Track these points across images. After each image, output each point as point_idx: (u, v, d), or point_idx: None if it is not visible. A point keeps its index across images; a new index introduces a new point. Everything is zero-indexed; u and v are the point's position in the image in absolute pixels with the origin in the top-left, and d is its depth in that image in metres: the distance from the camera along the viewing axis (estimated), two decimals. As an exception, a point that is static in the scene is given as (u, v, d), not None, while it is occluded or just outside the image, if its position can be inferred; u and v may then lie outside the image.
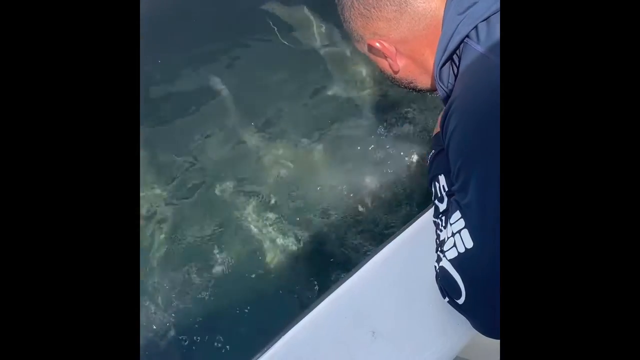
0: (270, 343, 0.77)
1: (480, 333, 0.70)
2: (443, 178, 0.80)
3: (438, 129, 0.91)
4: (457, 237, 0.66)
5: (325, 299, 0.80)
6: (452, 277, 0.67)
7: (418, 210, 0.91)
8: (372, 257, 0.84)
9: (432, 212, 0.83)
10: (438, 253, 0.74)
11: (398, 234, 0.86)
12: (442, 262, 0.70)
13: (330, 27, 1.88)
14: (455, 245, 0.66)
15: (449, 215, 0.70)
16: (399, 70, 0.87)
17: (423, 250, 0.81)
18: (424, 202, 1.39)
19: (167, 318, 1.28)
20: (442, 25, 0.75)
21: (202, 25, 1.88)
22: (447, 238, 0.70)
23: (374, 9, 0.79)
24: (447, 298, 0.71)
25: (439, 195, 0.79)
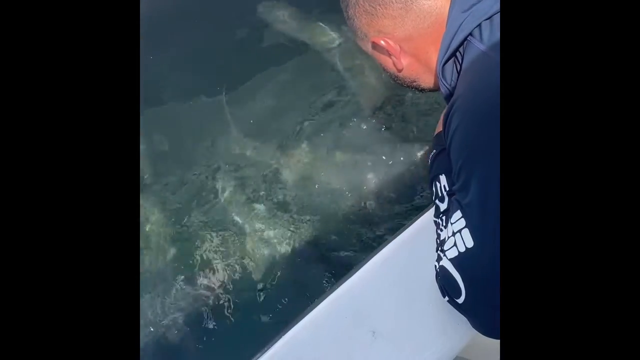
0: (271, 343, 0.77)
1: (480, 333, 0.70)
2: (444, 178, 0.80)
3: (439, 129, 0.91)
4: (457, 236, 0.66)
5: (326, 299, 0.80)
6: (452, 276, 0.67)
7: (418, 210, 0.91)
8: (372, 257, 0.84)
9: (432, 212, 0.83)
10: (438, 252, 0.73)
11: (398, 234, 0.86)
12: (442, 261, 0.70)
13: (333, 26, 1.87)
14: (456, 245, 0.66)
15: (450, 215, 0.70)
16: (403, 69, 0.86)
17: (423, 250, 0.81)
18: (424, 202, 1.39)
19: (166, 318, 1.28)
20: (446, 22, 0.75)
21: (202, 25, 1.88)
22: (447, 237, 0.70)
23: (380, 7, 0.79)
24: (447, 297, 0.71)
25: (440, 195, 0.79)
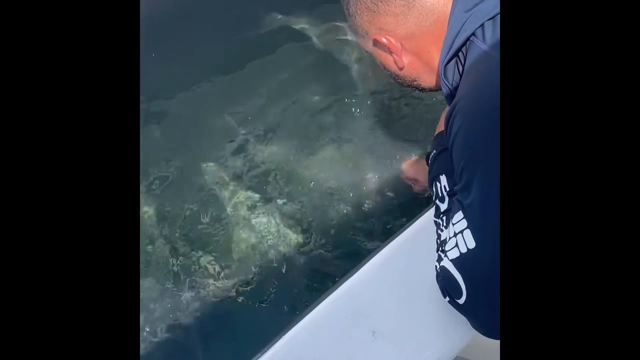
0: (271, 343, 0.77)
1: (481, 333, 0.70)
2: (444, 178, 0.80)
3: (440, 129, 0.91)
4: (459, 237, 0.66)
5: (326, 299, 0.80)
6: (453, 277, 0.67)
7: (418, 210, 0.90)
8: (372, 257, 0.84)
9: (432, 212, 0.83)
10: (439, 253, 0.73)
11: (398, 234, 0.86)
12: (443, 261, 0.70)
13: (334, 25, 1.87)
14: (457, 246, 0.66)
15: (451, 215, 0.70)
16: (404, 67, 0.86)
17: (423, 250, 0.81)
18: (424, 202, 1.39)
19: (166, 318, 1.28)
20: (448, 22, 0.75)
21: (202, 25, 1.88)
22: (448, 238, 0.70)
23: (382, 3, 0.78)
24: (447, 298, 0.71)
25: (440, 195, 0.79)
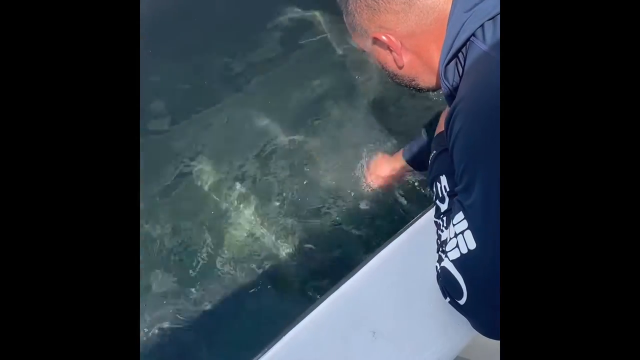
0: (271, 344, 0.76)
1: (481, 334, 0.70)
2: (445, 178, 0.80)
3: (440, 129, 0.91)
4: (459, 238, 0.66)
5: (326, 300, 0.80)
6: (453, 277, 0.67)
7: (418, 211, 0.91)
8: (372, 257, 0.84)
9: (432, 212, 0.82)
10: (439, 253, 0.73)
11: (398, 234, 0.86)
12: (443, 262, 0.70)
13: (334, 25, 1.87)
14: (458, 246, 0.66)
15: (452, 216, 0.70)
16: (404, 66, 0.85)
17: (423, 251, 0.81)
18: (424, 202, 1.39)
19: (166, 319, 1.27)
20: (447, 22, 0.75)
21: (202, 25, 1.88)
22: (449, 239, 0.70)
23: (382, 1, 0.77)
24: (448, 298, 0.71)
25: (440, 196, 0.79)
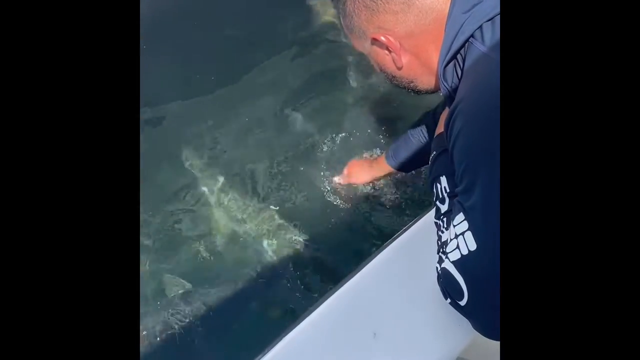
0: (271, 345, 0.76)
1: (482, 334, 0.70)
2: (445, 179, 0.79)
3: (440, 130, 0.91)
4: (460, 239, 0.66)
5: (326, 301, 0.80)
6: (454, 278, 0.67)
7: (418, 212, 0.91)
8: (373, 258, 0.84)
9: (432, 213, 0.82)
10: (440, 254, 0.73)
11: (399, 235, 0.86)
12: (444, 263, 0.70)
13: (335, 25, 1.88)
14: (459, 247, 0.66)
15: (452, 217, 0.70)
16: (402, 67, 0.85)
17: (424, 252, 0.81)
18: (424, 203, 1.39)
19: (166, 320, 1.27)
20: (446, 23, 0.75)
21: (202, 25, 1.88)
22: (449, 240, 0.70)
23: (381, 1, 0.77)
24: (448, 299, 0.71)
25: (441, 197, 0.79)
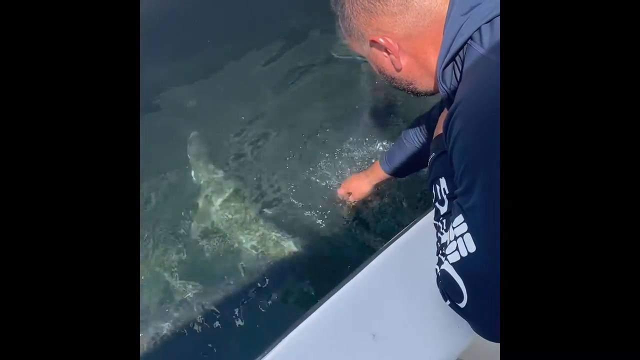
0: (270, 346, 0.76)
1: (481, 336, 0.70)
2: (444, 181, 0.79)
3: (439, 132, 0.91)
4: (459, 240, 0.66)
5: (326, 302, 0.80)
6: (453, 280, 0.67)
7: (418, 213, 0.91)
8: (372, 259, 0.84)
9: (432, 214, 0.82)
10: (439, 256, 0.73)
11: (398, 237, 0.86)
12: (443, 265, 0.70)
13: (335, 27, 1.88)
14: (458, 249, 0.66)
15: (451, 219, 0.69)
16: (401, 69, 0.85)
17: (423, 253, 0.81)
18: (424, 204, 1.40)
19: (166, 320, 1.27)
20: (444, 25, 0.75)
21: (202, 25, 1.88)
22: (449, 241, 0.70)
23: (379, 3, 0.77)
24: (448, 301, 0.71)
25: (440, 198, 0.79)
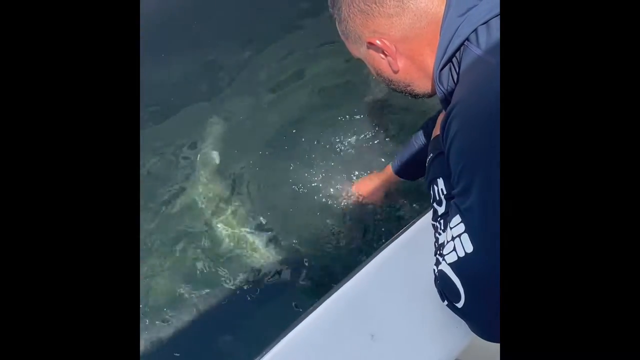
0: (269, 347, 0.76)
1: (479, 336, 0.70)
2: (442, 181, 0.80)
3: (437, 133, 0.91)
4: (457, 241, 0.66)
5: (324, 302, 0.80)
6: (451, 280, 0.67)
7: (416, 213, 0.91)
8: (370, 260, 0.84)
9: (430, 215, 0.83)
10: (437, 257, 0.73)
11: (396, 237, 0.86)
12: (441, 265, 0.70)
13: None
14: (455, 250, 0.66)
15: (449, 219, 0.70)
16: (399, 70, 0.85)
17: (421, 254, 0.81)
18: (423, 205, 1.40)
19: (166, 322, 1.27)
20: (441, 26, 0.75)
21: (202, 25, 1.88)
22: (446, 242, 0.70)
23: (375, 5, 0.77)
24: (446, 301, 0.71)
25: (438, 199, 0.79)
